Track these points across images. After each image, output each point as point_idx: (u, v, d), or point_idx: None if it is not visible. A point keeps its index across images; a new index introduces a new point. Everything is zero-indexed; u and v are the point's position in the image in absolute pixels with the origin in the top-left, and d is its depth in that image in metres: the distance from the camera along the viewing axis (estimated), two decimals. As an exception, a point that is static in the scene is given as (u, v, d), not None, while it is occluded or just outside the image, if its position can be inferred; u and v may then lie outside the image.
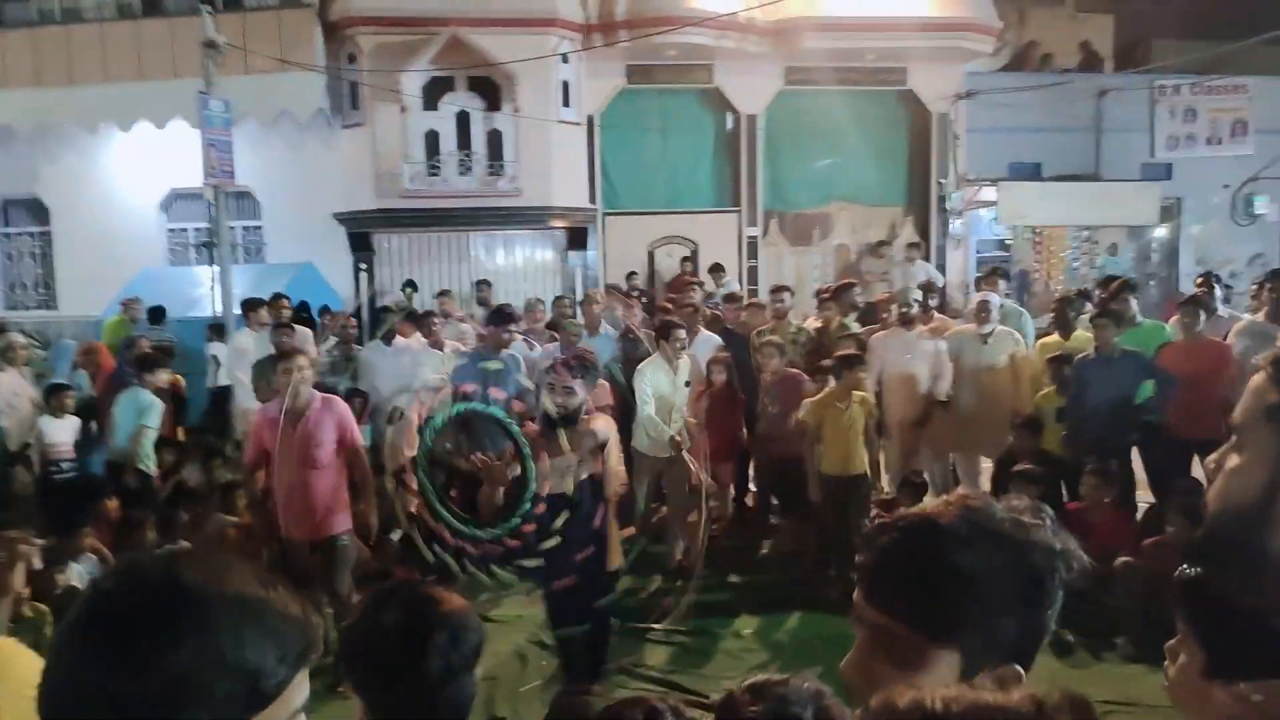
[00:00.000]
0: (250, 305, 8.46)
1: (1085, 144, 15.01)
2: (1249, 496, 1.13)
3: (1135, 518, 6.06)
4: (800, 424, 6.09)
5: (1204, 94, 15.44)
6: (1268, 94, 15.36)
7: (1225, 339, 6.46)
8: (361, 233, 12.86)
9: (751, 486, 7.39)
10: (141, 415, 6.42)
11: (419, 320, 7.86)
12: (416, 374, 7.22)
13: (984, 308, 6.96)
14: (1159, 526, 5.50)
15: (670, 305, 8.24)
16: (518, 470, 4.03)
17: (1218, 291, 7.81)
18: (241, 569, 0.87)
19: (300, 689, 0.87)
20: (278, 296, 8.58)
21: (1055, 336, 6.85)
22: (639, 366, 6.27)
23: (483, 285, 11.27)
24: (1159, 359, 6.26)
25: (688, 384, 6.33)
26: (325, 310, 8.94)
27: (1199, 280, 8.20)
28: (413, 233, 13.01)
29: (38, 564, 4.42)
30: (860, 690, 1.07)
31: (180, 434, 7.71)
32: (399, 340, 7.46)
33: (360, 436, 5.27)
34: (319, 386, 5.39)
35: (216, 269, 10.25)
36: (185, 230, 13.84)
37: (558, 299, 9.35)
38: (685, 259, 13.22)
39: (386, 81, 12.44)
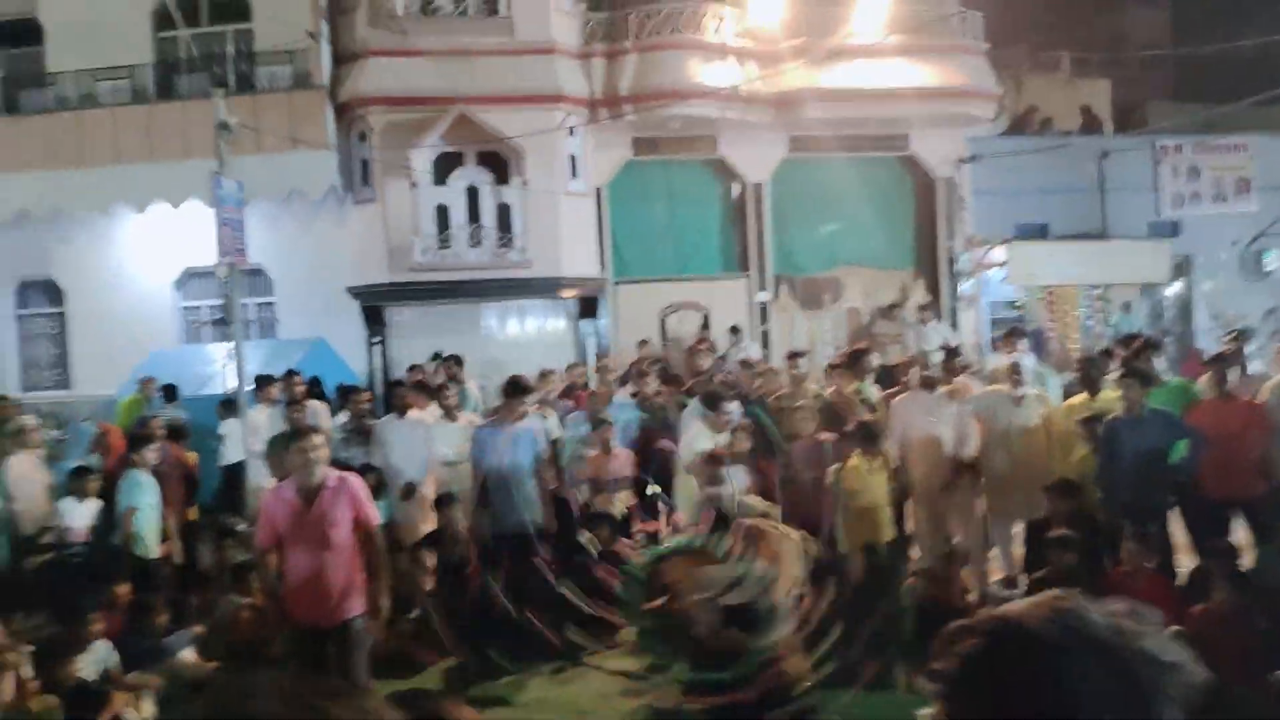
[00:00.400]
0: (263, 382, 8.41)
1: (1091, 204, 15.11)
2: None
3: (1175, 583, 5.86)
4: (827, 489, 5.98)
5: (1205, 153, 15.59)
6: (1268, 151, 15.50)
7: (1254, 397, 6.34)
8: (374, 306, 12.91)
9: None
10: (128, 496, 6.31)
11: (433, 392, 7.79)
12: (431, 447, 7.12)
13: (1016, 369, 6.84)
14: (1203, 592, 5.30)
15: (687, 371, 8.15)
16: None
17: (1249, 348, 7.72)
18: (374, 699, 0.80)
19: None
20: (290, 373, 8.53)
21: (1083, 396, 6.72)
22: (684, 438, 6.02)
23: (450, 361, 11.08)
24: (1189, 417, 6.13)
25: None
26: (343, 388, 8.86)
27: (1229, 337, 8.11)
28: (425, 305, 13.05)
29: (27, 672, 4.27)
30: None
31: (193, 514, 7.58)
32: (412, 413, 7.37)
33: (375, 514, 5.13)
34: (334, 463, 5.29)
35: (230, 346, 10.23)
36: (199, 308, 13.91)
37: (571, 366, 9.31)
38: (703, 326, 13.19)
39: (397, 158, 12.63)
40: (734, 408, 6.06)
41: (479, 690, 5.61)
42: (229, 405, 8.75)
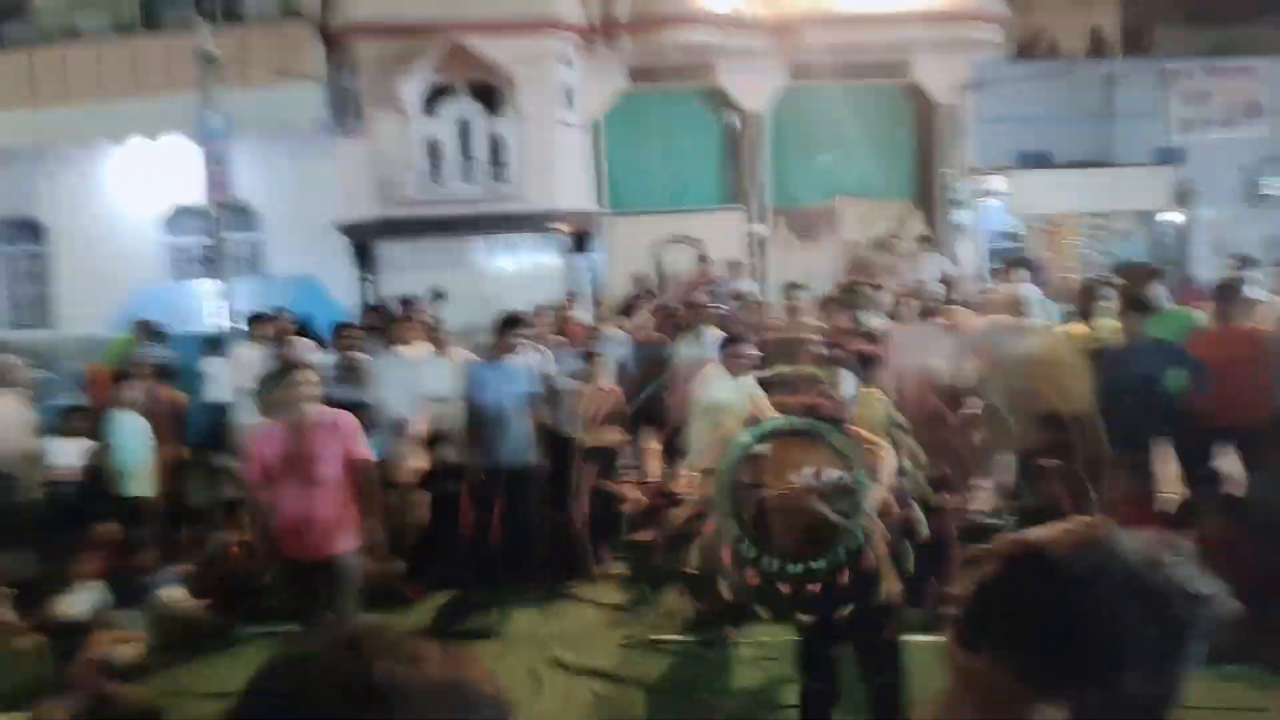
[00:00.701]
0: (255, 319, 8.32)
1: (1096, 131, 14.78)
2: None
3: (1154, 511, 5.81)
4: None
5: (1215, 77, 15.20)
6: (1277, 76, 15.11)
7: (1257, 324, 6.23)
8: (364, 243, 12.74)
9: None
10: (108, 434, 6.29)
11: (427, 330, 7.68)
12: (425, 383, 7.05)
13: (1019, 300, 6.75)
14: (1192, 521, 5.29)
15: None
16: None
17: (1250, 274, 7.58)
18: (430, 651, 0.76)
19: None
20: (280, 310, 8.43)
21: (1082, 326, 6.64)
22: (698, 383, 5.71)
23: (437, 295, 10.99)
24: (1190, 346, 6.05)
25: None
26: (339, 326, 8.78)
27: (1233, 264, 7.96)
28: (416, 241, 12.87)
29: (7, 614, 4.27)
30: None
31: (182, 453, 7.55)
32: (402, 349, 7.30)
33: (368, 451, 5.09)
34: (325, 400, 5.23)
35: (218, 283, 10.12)
36: (186, 245, 13.74)
37: (562, 302, 9.21)
38: (702, 258, 12.97)
39: (387, 90, 12.32)
40: (751, 348, 5.78)
41: (468, 624, 5.65)
42: (214, 343, 8.68)
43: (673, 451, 7.66)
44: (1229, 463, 6.08)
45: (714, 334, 7.26)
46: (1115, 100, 14.82)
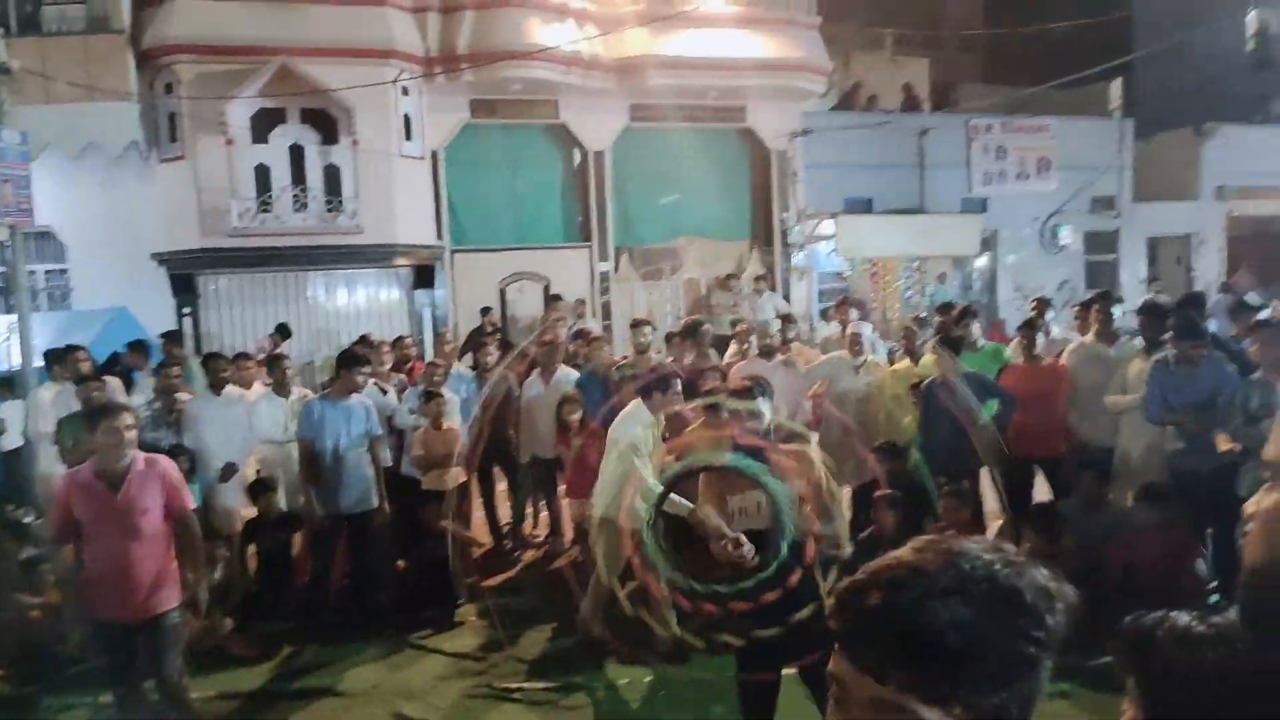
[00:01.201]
0: (55, 356, 7.58)
1: (910, 179, 15.94)
2: None
3: (981, 534, 6.24)
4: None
5: (1012, 133, 16.73)
6: (1066, 134, 16.82)
7: (1058, 360, 6.80)
8: (185, 274, 11.92)
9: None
10: None
11: (268, 364, 7.22)
12: (251, 425, 6.63)
13: (856, 337, 7.09)
14: (1014, 542, 5.66)
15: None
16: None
17: (1049, 315, 8.29)
18: None
19: None
20: (74, 347, 7.71)
21: (907, 363, 7.04)
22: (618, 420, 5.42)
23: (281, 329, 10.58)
24: (1001, 380, 6.53)
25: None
26: (134, 347, 8.15)
27: (1033, 305, 8.68)
28: (243, 273, 12.18)
29: None
30: None
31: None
32: (229, 389, 6.83)
33: (190, 498, 4.71)
34: (140, 445, 4.81)
35: (12, 318, 9.19)
36: (-25, 274, 12.41)
37: (398, 338, 8.92)
38: (554, 296, 12.88)
39: (210, 112, 11.66)
40: (676, 387, 5.48)
41: (305, 682, 5.30)
42: (6, 383, 7.86)
43: (519, 491, 7.56)
44: (1041, 489, 6.60)
45: (566, 373, 7.23)
46: (926, 152, 16.04)
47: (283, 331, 10.66)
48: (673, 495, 3.97)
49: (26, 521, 6.27)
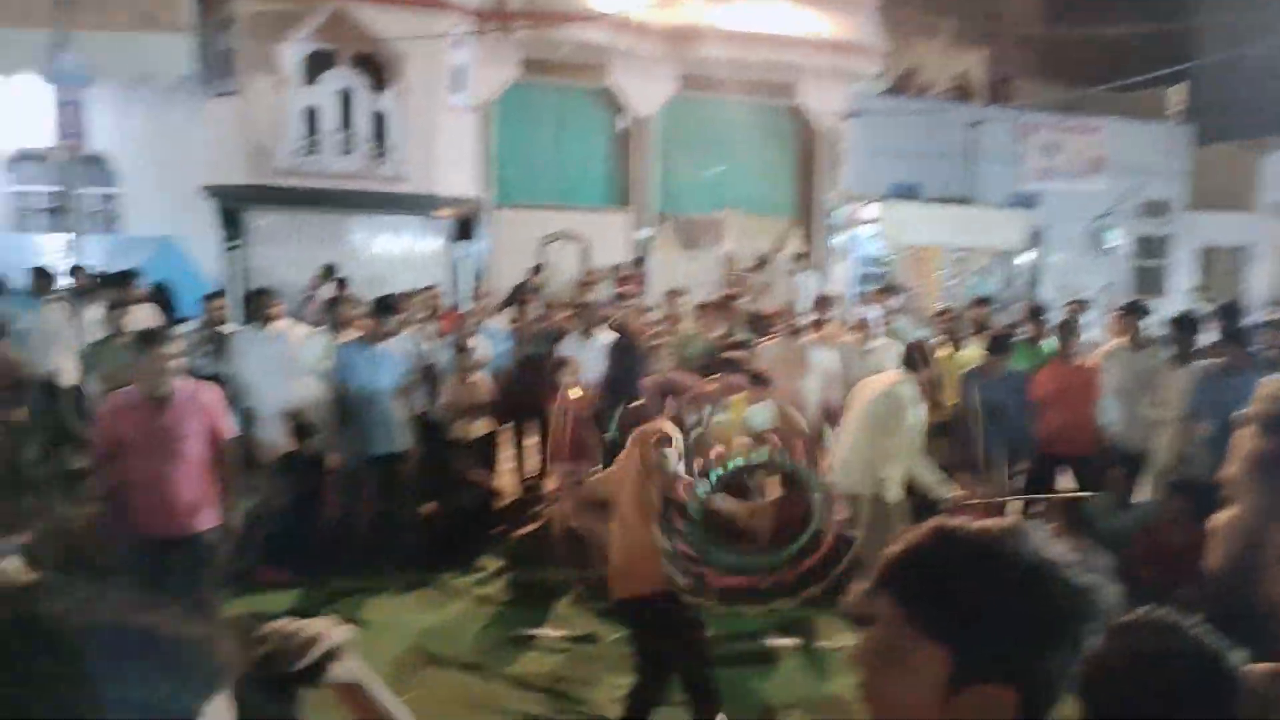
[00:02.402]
0: (105, 280, 7.77)
1: (959, 170, 15.74)
2: (1242, 544, 1.13)
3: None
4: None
5: (1065, 131, 16.46)
6: (1120, 136, 16.52)
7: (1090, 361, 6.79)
8: (232, 209, 12.07)
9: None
10: None
11: (327, 305, 7.35)
12: (292, 361, 6.75)
13: (863, 323, 7.12)
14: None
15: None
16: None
17: (1086, 316, 8.22)
18: (113, 596, 0.74)
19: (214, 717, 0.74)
20: (131, 273, 7.89)
21: (949, 351, 7.06)
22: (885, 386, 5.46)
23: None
24: (1037, 377, 6.53)
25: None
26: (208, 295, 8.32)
27: (1071, 305, 8.62)
28: (289, 212, 12.31)
29: None
30: (865, 675, 1.06)
31: (19, 415, 6.94)
32: (274, 325, 6.95)
33: (231, 426, 4.84)
34: (188, 371, 4.94)
35: (68, 237, 9.39)
36: (31, 194, 12.64)
37: (428, 288, 9.03)
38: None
39: (264, 51, 11.73)
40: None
41: (330, 611, 5.44)
42: (57, 302, 8.05)
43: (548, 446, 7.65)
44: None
45: (604, 336, 7.29)
46: (978, 143, 15.82)
47: (328, 272, 10.82)
48: None
49: (73, 434, 6.46)
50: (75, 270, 7.76)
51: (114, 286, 7.51)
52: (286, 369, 6.65)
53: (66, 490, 5.79)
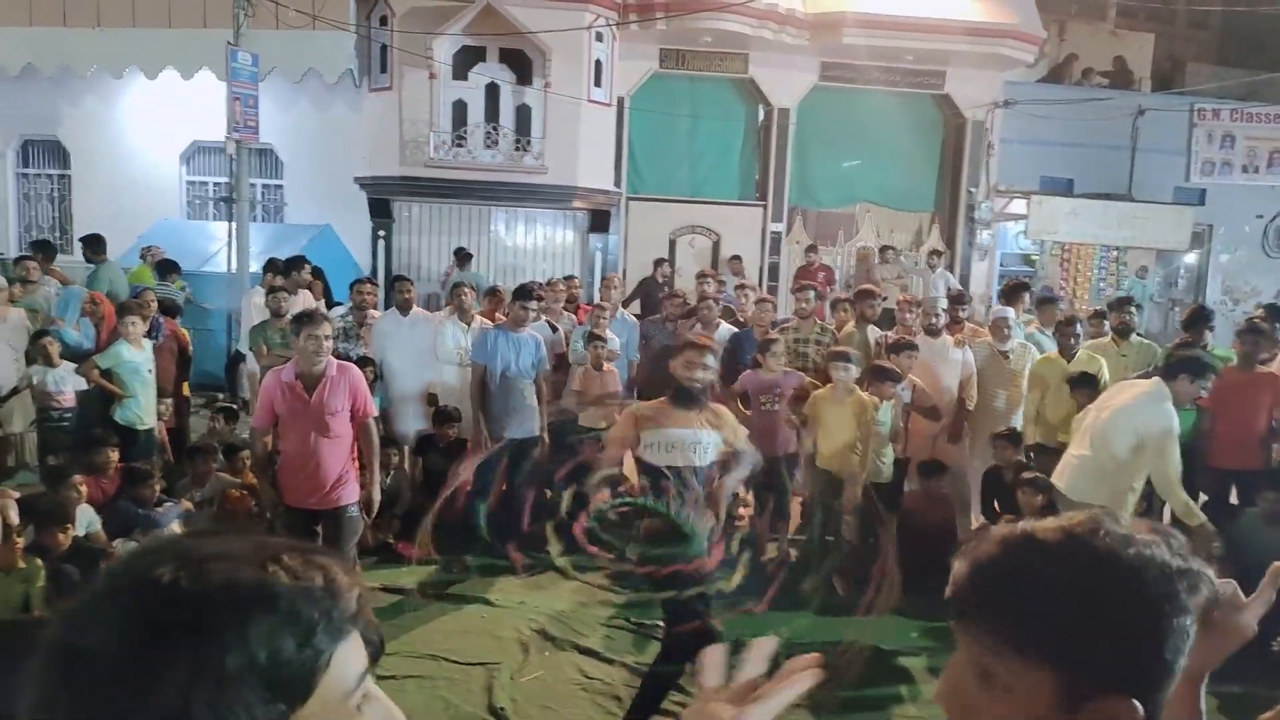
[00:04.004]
0: (269, 266, 8.35)
1: (1119, 162, 14.80)
2: None
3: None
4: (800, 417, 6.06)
5: (1243, 121, 15.20)
6: (1307, 125, 15.13)
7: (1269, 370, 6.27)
8: (382, 199, 12.69)
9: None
10: (106, 363, 6.33)
11: (450, 291, 7.67)
12: (433, 347, 7.05)
13: (1002, 324, 6.84)
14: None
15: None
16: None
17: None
18: (223, 550, 0.73)
19: (348, 661, 0.74)
20: (297, 259, 8.43)
21: (1056, 354, 6.69)
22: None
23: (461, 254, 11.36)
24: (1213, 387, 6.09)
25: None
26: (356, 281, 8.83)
27: (1259, 311, 8.02)
28: (434, 203, 12.83)
29: (14, 518, 4.27)
30: (955, 714, 0.99)
31: (186, 390, 7.56)
32: (416, 311, 7.29)
33: (373, 406, 5.11)
34: (336, 353, 5.24)
35: (234, 225, 10.10)
36: (205, 184, 13.68)
37: (568, 278, 9.21)
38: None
39: (417, 46, 12.24)
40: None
41: (457, 589, 5.68)
42: (226, 285, 8.68)
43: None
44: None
45: (725, 329, 7.28)
46: (1141, 134, 14.82)
47: (460, 255, 11.27)
48: None
49: (232, 408, 6.96)
50: (270, 261, 8.38)
51: (284, 273, 8.04)
52: (426, 354, 6.95)
53: (224, 460, 6.25)
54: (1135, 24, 18.43)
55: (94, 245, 8.70)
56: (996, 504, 6.44)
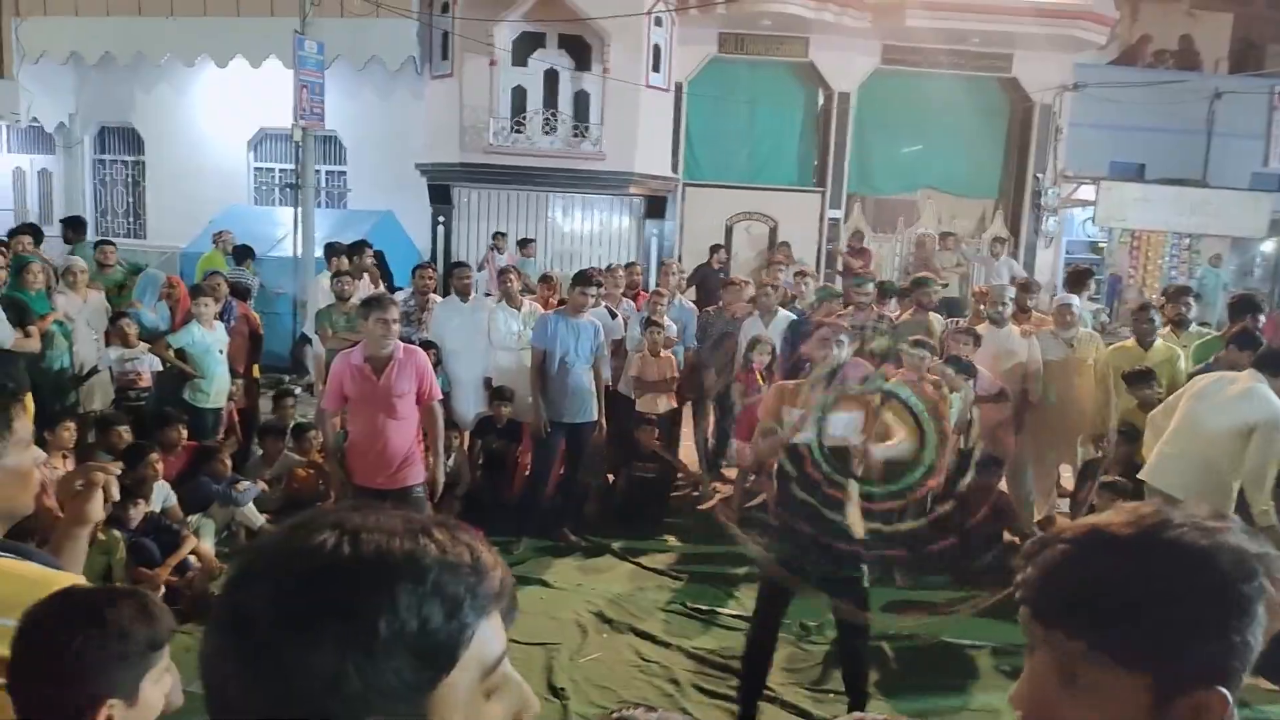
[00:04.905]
0: (333, 250, 8.53)
1: (1193, 147, 14.32)
2: None
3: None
4: None
5: (1327, 104, 14.59)
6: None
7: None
8: (442, 185, 12.86)
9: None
10: (179, 344, 6.53)
11: (497, 276, 7.75)
12: (489, 332, 7.13)
13: (1066, 311, 6.67)
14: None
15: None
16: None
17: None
18: (376, 522, 0.75)
19: (491, 640, 0.76)
20: (361, 244, 8.59)
21: (1133, 343, 6.51)
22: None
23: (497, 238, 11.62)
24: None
25: None
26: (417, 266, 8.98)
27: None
28: (493, 189, 12.96)
29: (115, 493, 4.44)
30: (1034, 717, 0.98)
31: (256, 371, 7.76)
32: (475, 296, 7.38)
33: (438, 389, 5.20)
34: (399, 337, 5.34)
35: (299, 211, 10.32)
36: (271, 170, 14.00)
37: (629, 264, 9.24)
38: (783, 244, 13.00)
39: (478, 33, 12.34)
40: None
41: (515, 570, 5.75)
42: (294, 269, 8.87)
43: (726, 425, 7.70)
44: None
45: (784, 316, 7.25)
46: (1217, 117, 14.31)
47: (498, 239, 11.40)
48: None
49: (298, 391, 7.13)
50: (331, 245, 8.58)
51: (349, 256, 8.20)
52: (484, 338, 7.04)
53: (292, 441, 6.42)
54: (1212, 4, 17.76)
55: (75, 226, 9.18)
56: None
